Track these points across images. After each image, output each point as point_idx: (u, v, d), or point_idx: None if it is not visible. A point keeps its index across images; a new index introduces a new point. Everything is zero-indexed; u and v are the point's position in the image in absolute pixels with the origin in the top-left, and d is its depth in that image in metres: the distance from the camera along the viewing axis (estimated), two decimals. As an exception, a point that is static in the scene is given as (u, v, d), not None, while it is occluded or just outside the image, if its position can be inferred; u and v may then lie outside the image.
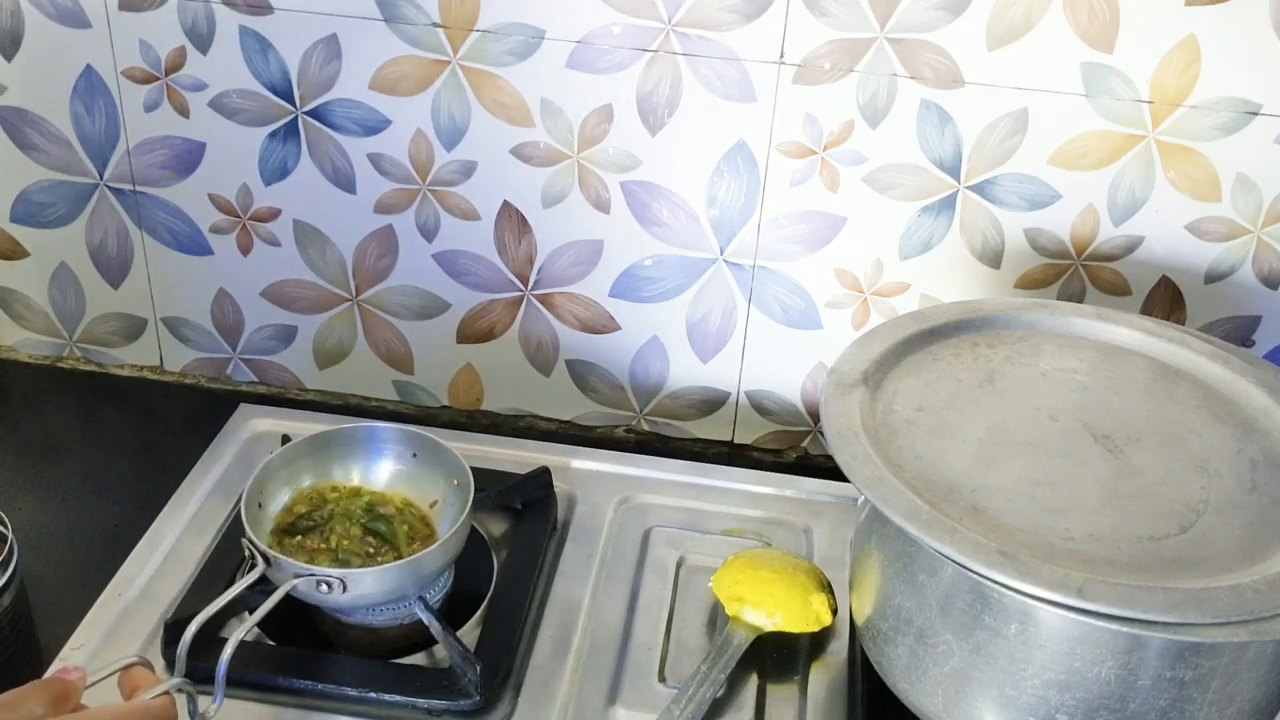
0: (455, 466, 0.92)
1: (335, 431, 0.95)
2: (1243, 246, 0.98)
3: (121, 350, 1.18)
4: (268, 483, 0.91)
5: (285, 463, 0.93)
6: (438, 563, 0.87)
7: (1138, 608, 0.63)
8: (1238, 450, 0.77)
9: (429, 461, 0.94)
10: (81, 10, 1.01)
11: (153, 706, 0.67)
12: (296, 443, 0.94)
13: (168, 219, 1.10)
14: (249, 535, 0.84)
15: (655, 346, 1.10)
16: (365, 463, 0.96)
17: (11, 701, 0.62)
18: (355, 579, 0.83)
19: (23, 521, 0.96)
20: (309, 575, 0.82)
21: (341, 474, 0.95)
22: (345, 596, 0.83)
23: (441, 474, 0.94)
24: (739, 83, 0.96)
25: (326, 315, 1.13)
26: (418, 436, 0.95)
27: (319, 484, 0.94)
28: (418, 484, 0.95)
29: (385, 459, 0.96)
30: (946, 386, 0.81)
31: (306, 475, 0.94)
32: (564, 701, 0.85)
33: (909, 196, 0.99)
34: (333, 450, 0.95)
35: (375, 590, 0.84)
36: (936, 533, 0.67)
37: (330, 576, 0.82)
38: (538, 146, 1.01)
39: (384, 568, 0.84)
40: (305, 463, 0.94)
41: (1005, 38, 0.91)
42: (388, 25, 0.97)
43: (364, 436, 0.95)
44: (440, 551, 0.86)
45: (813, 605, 0.89)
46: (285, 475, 0.93)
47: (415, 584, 0.86)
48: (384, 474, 0.96)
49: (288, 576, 0.82)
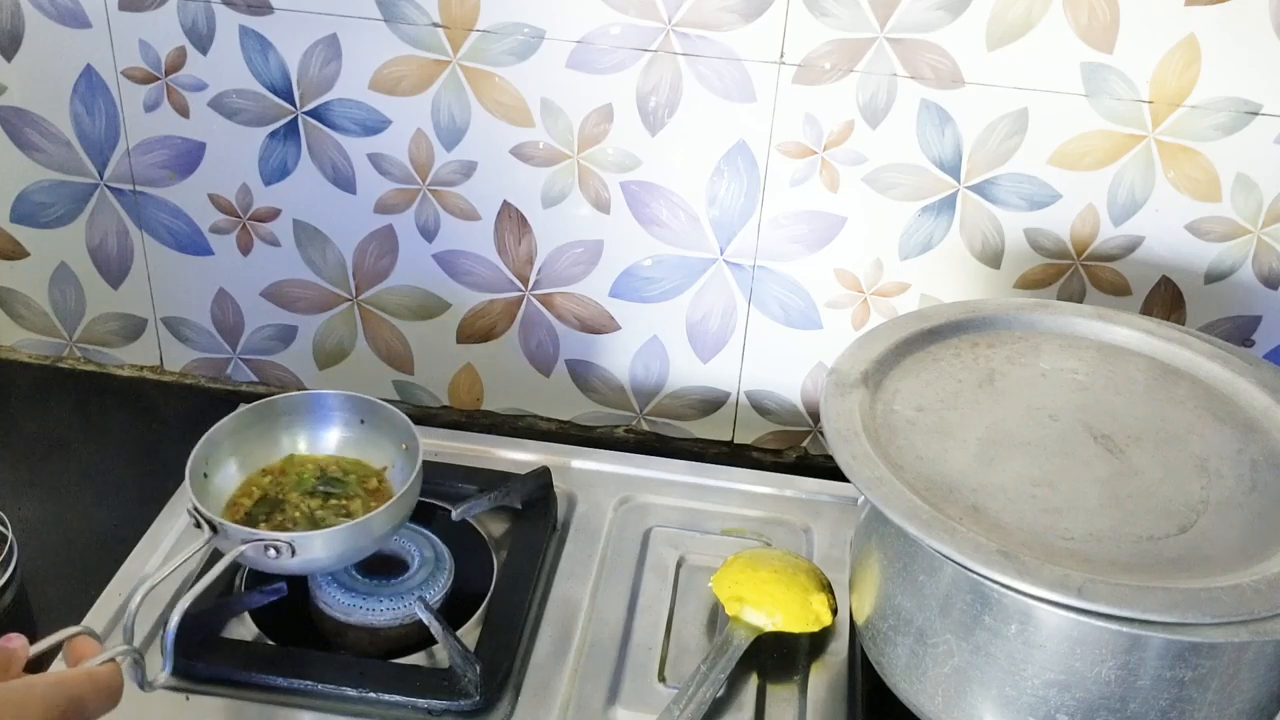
0: (404, 430, 0.91)
1: (282, 399, 0.94)
2: (1243, 246, 0.98)
3: (121, 350, 1.18)
4: (213, 453, 0.90)
5: (231, 432, 0.91)
6: (387, 524, 0.86)
7: (1138, 608, 0.63)
8: (1238, 450, 0.77)
9: (377, 427, 0.94)
10: (81, 10, 1.01)
11: (97, 674, 0.64)
12: (242, 411, 0.92)
13: (168, 219, 1.10)
14: (193, 503, 0.82)
15: (655, 346, 1.10)
16: (312, 430, 0.95)
17: None
18: (304, 542, 0.82)
19: (23, 521, 0.96)
20: (256, 540, 0.81)
21: (289, 442, 0.94)
22: (295, 560, 0.81)
23: (390, 439, 0.93)
24: (739, 83, 0.96)
25: (326, 315, 1.13)
26: (364, 402, 0.94)
27: (269, 465, 0.93)
28: (366, 451, 0.95)
29: (333, 426, 0.95)
30: (946, 386, 0.81)
31: (255, 444, 0.93)
32: (564, 701, 0.85)
33: (909, 196, 0.99)
34: (280, 419, 0.94)
35: (325, 554, 0.83)
36: (936, 533, 0.67)
37: (279, 541, 0.81)
38: (538, 146, 1.01)
39: (332, 530, 0.84)
40: (252, 431, 0.93)
41: (1005, 38, 0.92)
42: (388, 25, 0.97)
43: (311, 404, 0.95)
44: (389, 513, 0.85)
45: (813, 605, 0.89)
46: (231, 445, 0.91)
47: (366, 547, 0.85)
48: (332, 441, 0.95)
49: (235, 543, 0.81)
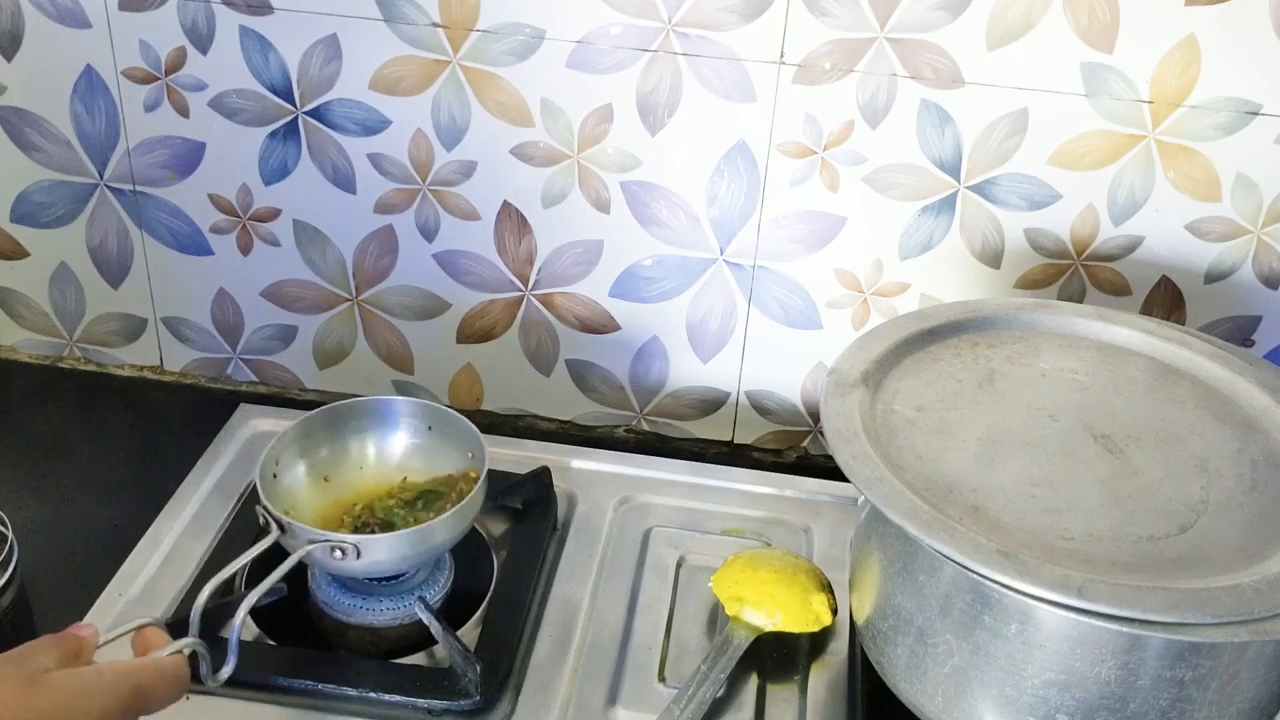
0: (471, 437, 0.93)
1: (350, 404, 0.95)
2: (1243, 246, 0.98)
3: (121, 350, 1.18)
4: (284, 454, 0.91)
5: (300, 435, 0.93)
6: (450, 532, 0.87)
7: (1138, 608, 0.63)
8: (1238, 450, 0.77)
9: (444, 435, 0.95)
10: (81, 10, 1.01)
11: (165, 664, 0.67)
12: (311, 415, 0.94)
13: (168, 219, 1.10)
14: (264, 502, 0.83)
15: (655, 346, 1.10)
16: (380, 435, 0.96)
17: (23, 654, 0.62)
18: (369, 545, 0.83)
19: (23, 521, 0.96)
20: (324, 541, 0.82)
21: (358, 447, 0.96)
22: (360, 563, 0.83)
23: (456, 447, 0.94)
24: (739, 83, 0.96)
25: (326, 315, 1.13)
26: (433, 409, 0.95)
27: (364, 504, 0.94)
28: (432, 457, 0.96)
29: (400, 431, 0.96)
30: (946, 386, 0.81)
31: (323, 447, 0.94)
32: (564, 701, 0.85)
33: (909, 196, 0.99)
34: (349, 423, 0.95)
35: (388, 557, 0.85)
36: (936, 533, 0.67)
37: (345, 542, 0.82)
38: (538, 146, 1.01)
39: (397, 534, 0.85)
40: (321, 435, 0.94)
41: (1005, 38, 0.91)
42: (388, 25, 0.97)
43: (380, 410, 0.96)
44: (452, 521, 0.86)
45: (813, 605, 0.89)
46: (299, 448, 0.93)
47: (427, 552, 0.87)
48: (399, 447, 0.96)
49: (302, 543, 0.82)
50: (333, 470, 0.95)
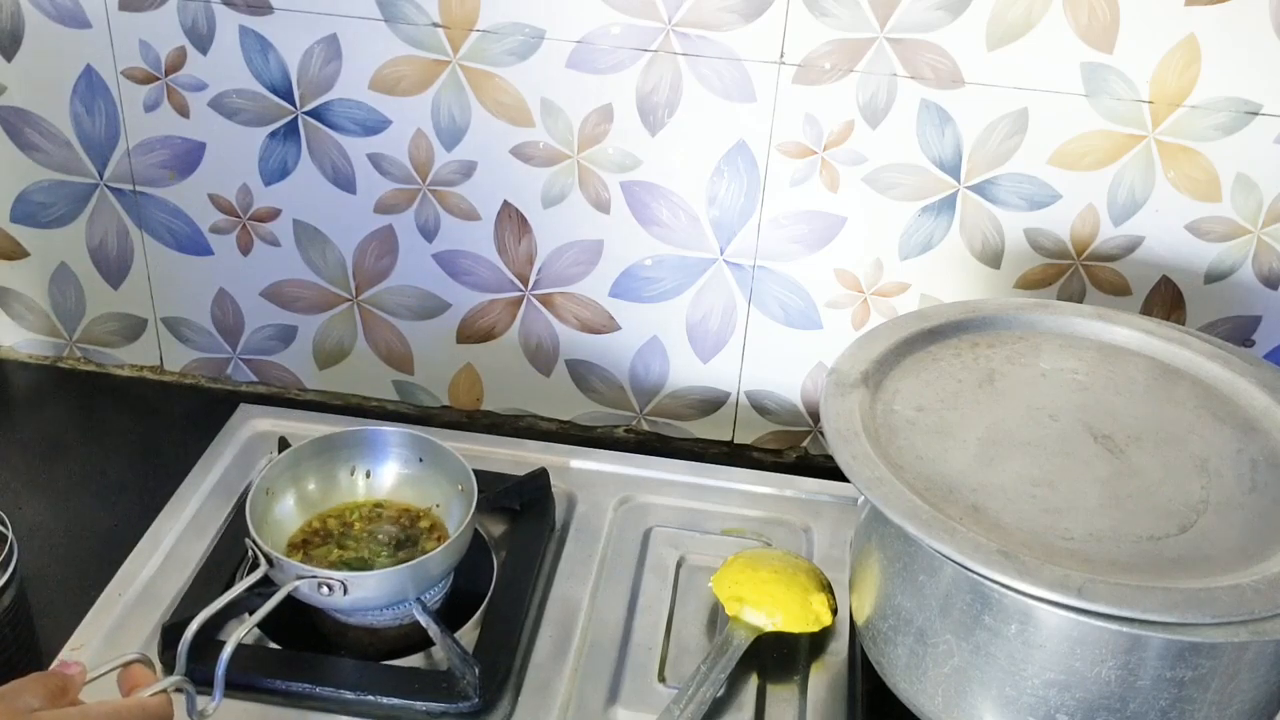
0: (459, 471, 0.92)
1: (340, 434, 0.95)
2: (1243, 246, 0.98)
3: (121, 350, 1.18)
4: (273, 484, 0.91)
5: (290, 465, 0.93)
6: (440, 566, 0.87)
7: (1138, 608, 0.63)
8: (1238, 450, 0.77)
9: (435, 466, 0.94)
10: (81, 10, 1.01)
11: (150, 704, 0.67)
12: (301, 445, 0.94)
13: (168, 219, 1.10)
14: (253, 536, 0.84)
15: (655, 346, 1.10)
16: (370, 465, 0.96)
17: (10, 692, 0.63)
18: (357, 581, 0.83)
19: (23, 521, 0.96)
20: (311, 577, 0.82)
21: (347, 477, 0.95)
22: (347, 599, 0.83)
23: (447, 478, 0.94)
24: (739, 83, 0.96)
25: (326, 315, 1.13)
26: (423, 440, 0.95)
27: (334, 507, 0.95)
28: (422, 487, 0.95)
29: (390, 461, 0.96)
30: (946, 386, 0.81)
31: (311, 478, 0.94)
32: (564, 702, 0.85)
33: (909, 196, 0.99)
34: (338, 453, 0.95)
35: (377, 593, 0.84)
36: (936, 533, 0.67)
37: (332, 579, 0.82)
38: (538, 146, 1.01)
39: (386, 571, 0.84)
40: (310, 465, 0.94)
41: (1005, 38, 0.91)
42: (388, 25, 0.97)
43: (369, 440, 0.96)
44: (443, 555, 0.86)
45: (813, 605, 0.89)
46: (290, 477, 0.93)
47: (416, 586, 0.86)
48: (388, 477, 0.96)
49: (289, 578, 0.82)
50: (322, 501, 0.94)
